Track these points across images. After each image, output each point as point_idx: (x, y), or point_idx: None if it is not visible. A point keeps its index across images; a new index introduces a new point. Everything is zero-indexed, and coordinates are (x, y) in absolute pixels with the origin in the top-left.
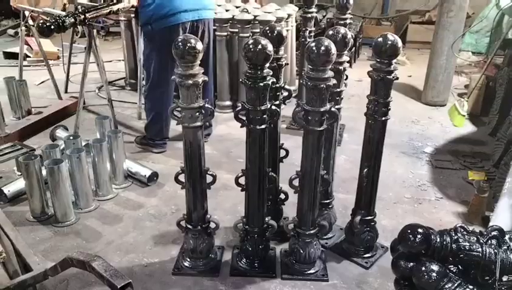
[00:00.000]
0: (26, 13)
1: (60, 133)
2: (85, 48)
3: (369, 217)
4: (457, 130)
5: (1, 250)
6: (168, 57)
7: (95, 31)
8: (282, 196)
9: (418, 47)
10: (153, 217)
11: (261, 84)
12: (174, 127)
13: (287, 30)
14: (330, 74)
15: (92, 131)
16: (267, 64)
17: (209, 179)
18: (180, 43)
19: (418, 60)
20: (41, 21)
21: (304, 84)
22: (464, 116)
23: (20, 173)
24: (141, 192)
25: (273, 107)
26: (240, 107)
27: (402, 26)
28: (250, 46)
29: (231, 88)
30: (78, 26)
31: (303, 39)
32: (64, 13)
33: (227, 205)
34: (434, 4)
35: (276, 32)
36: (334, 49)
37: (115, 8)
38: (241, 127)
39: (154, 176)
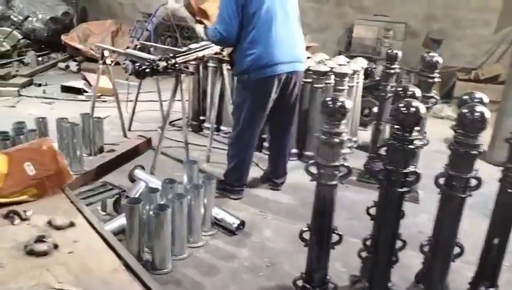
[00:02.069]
0: (106, 53)
1: (139, 173)
2: (139, 86)
3: (493, 289)
4: None
5: None
6: (259, 107)
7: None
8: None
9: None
10: (248, 269)
11: (410, 146)
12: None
13: (357, 83)
14: (480, 140)
15: (165, 173)
16: (417, 127)
17: (334, 238)
18: (329, 101)
19: None
20: (138, 64)
21: (453, 149)
22: None
23: (104, 213)
24: (229, 241)
25: (417, 170)
26: (379, 168)
27: (448, 82)
28: (403, 108)
29: (298, 136)
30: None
31: (382, 93)
32: (154, 57)
33: None
34: (480, 62)
35: (410, 92)
36: (488, 115)
37: (201, 54)
38: (378, 188)
39: (241, 225)
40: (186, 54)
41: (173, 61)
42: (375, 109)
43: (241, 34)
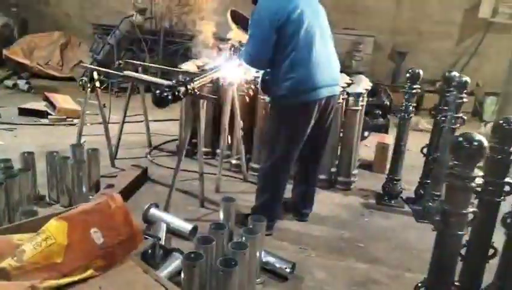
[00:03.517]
0: (95, 75)
1: (155, 213)
2: (104, 104)
3: None
4: None
5: None
6: (299, 135)
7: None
8: None
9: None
10: None
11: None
12: None
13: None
14: None
15: (178, 208)
16: None
17: None
18: (464, 141)
19: None
20: (158, 91)
21: None
22: None
23: None
24: (284, 288)
25: None
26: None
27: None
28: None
29: None
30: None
31: (404, 114)
32: (166, 82)
33: None
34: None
35: None
36: None
37: (215, 76)
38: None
39: (292, 268)
40: (202, 78)
41: (192, 85)
42: None
43: (275, 56)
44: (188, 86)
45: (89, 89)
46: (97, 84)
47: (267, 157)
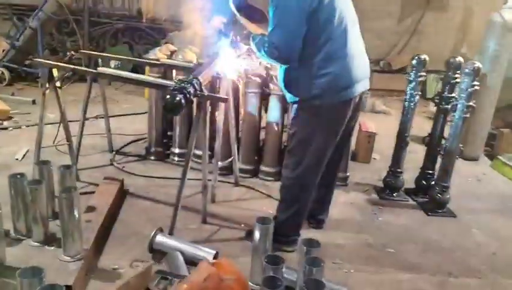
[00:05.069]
0: (54, 72)
1: (164, 241)
2: (85, 107)
3: None
4: None
5: None
6: (332, 139)
7: None
8: None
9: (382, 94)
10: None
11: None
12: None
13: None
14: None
15: (177, 227)
16: None
17: None
18: None
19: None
20: (168, 96)
21: None
22: None
23: None
24: None
25: None
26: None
27: None
28: None
29: None
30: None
31: (409, 102)
32: (168, 82)
33: None
34: (385, 53)
35: None
36: None
37: (216, 70)
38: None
39: None
40: (205, 73)
41: (199, 82)
42: None
43: (305, 49)
44: (196, 84)
45: (47, 90)
46: (58, 84)
47: (294, 166)
